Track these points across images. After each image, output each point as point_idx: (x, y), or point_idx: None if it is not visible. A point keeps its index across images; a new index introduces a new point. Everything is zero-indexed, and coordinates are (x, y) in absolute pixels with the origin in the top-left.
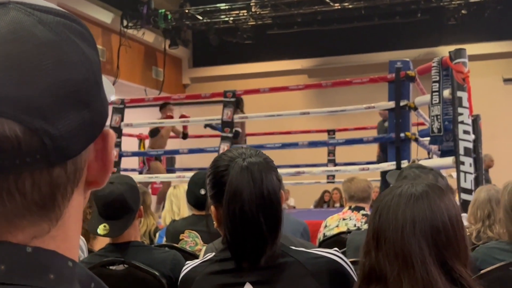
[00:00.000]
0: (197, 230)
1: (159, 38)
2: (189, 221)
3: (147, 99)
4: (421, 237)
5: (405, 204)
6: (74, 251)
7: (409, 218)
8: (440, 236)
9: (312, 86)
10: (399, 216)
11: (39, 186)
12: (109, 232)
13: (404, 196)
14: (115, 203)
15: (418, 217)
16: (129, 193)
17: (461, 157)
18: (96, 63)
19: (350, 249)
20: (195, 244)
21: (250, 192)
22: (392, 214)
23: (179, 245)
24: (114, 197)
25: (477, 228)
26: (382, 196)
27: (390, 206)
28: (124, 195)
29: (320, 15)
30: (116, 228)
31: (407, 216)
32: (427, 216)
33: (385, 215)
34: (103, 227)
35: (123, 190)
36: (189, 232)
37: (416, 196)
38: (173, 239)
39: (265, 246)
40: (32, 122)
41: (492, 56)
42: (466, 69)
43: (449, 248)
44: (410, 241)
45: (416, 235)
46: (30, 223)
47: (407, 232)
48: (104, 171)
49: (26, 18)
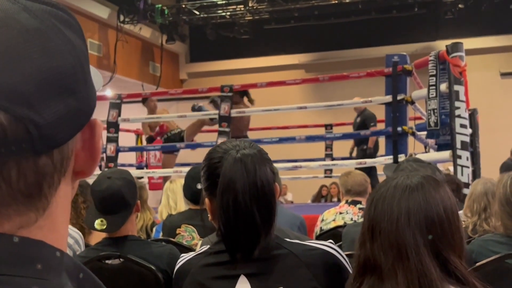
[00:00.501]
0: (194, 224)
1: (156, 33)
2: (186, 215)
3: (144, 94)
4: (415, 228)
5: (400, 195)
6: (61, 241)
7: (404, 209)
8: (435, 227)
9: (309, 81)
10: (394, 207)
11: (24, 175)
12: (106, 227)
13: (399, 188)
14: (113, 198)
15: (413, 208)
16: (127, 188)
17: (458, 151)
18: (82, 52)
19: (345, 242)
20: (191, 239)
21: (243, 183)
22: (388, 205)
23: (176, 239)
24: (112, 192)
25: (473, 221)
26: (378, 187)
27: (386, 197)
28: (121, 190)
29: (317, 9)
30: (113, 223)
31: (402, 207)
32: (422, 208)
33: (380, 206)
34: (100, 221)
35: (120, 185)
36: (185, 227)
37: (411, 188)
38: (169, 233)
39: (259, 237)
40: (17, 110)
41: (489, 50)
42: (463, 63)
43: (444, 240)
44: (405, 232)
45: (411, 226)
46: (16, 212)
47: (401, 223)
48: (91, 161)
49: (11, 5)
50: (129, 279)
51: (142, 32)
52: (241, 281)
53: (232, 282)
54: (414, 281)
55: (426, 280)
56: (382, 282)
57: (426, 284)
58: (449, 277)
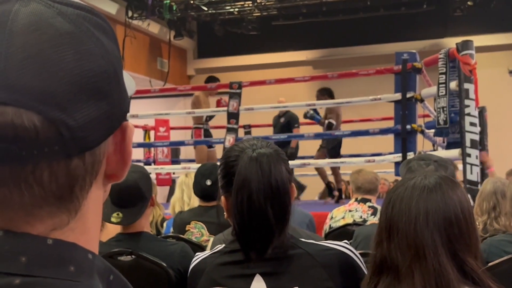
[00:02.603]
0: (203, 221)
1: (164, 29)
2: (195, 212)
3: (153, 90)
4: (434, 229)
5: (418, 196)
6: (93, 244)
7: (422, 210)
8: (453, 228)
9: (318, 78)
10: (413, 207)
11: (56, 177)
12: (122, 220)
13: (417, 188)
14: (129, 190)
15: (431, 209)
16: (143, 180)
17: (467, 149)
18: (116, 56)
19: (357, 242)
20: (201, 235)
21: (258, 182)
22: (405, 206)
23: (185, 235)
24: (128, 184)
25: (484, 220)
26: (395, 187)
27: (403, 198)
28: (138, 183)
29: (326, 6)
30: (129, 216)
31: (420, 207)
32: (440, 208)
33: (398, 206)
34: (116, 215)
35: (137, 178)
36: (195, 223)
37: (429, 188)
38: (179, 229)
39: (272, 236)
40: (50, 113)
41: (498, 47)
42: (473, 61)
43: (461, 241)
44: (423, 233)
45: (429, 227)
46: (48, 214)
47: (420, 224)
48: (123, 164)
49: (46, 9)
50: (141, 276)
51: (150, 28)
52: (256, 280)
53: (248, 281)
54: (431, 282)
55: (443, 281)
56: (398, 282)
57: (443, 284)
58: (465, 278)
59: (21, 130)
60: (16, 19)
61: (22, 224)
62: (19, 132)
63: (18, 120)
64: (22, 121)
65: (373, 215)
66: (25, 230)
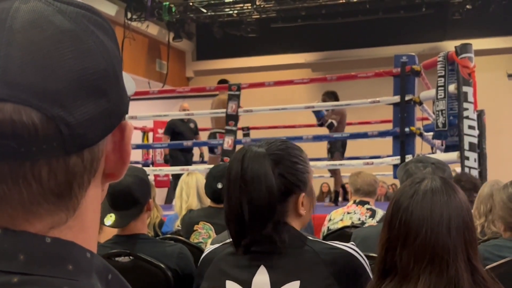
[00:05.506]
0: (212, 222)
1: (163, 31)
2: (205, 212)
3: (151, 92)
4: (456, 233)
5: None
6: (91, 242)
7: (445, 215)
8: (469, 232)
9: (317, 80)
10: (437, 211)
11: (55, 174)
12: (114, 222)
13: (431, 192)
14: (121, 194)
15: (453, 213)
16: (137, 185)
17: (466, 152)
18: (115, 55)
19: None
20: (208, 236)
21: (235, 173)
22: (426, 211)
23: (193, 235)
24: (121, 188)
25: (481, 223)
26: (401, 192)
27: (419, 202)
28: (130, 187)
29: (325, 8)
30: (122, 219)
31: (443, 212)
32: (459, 212)
33: (418, 212)
34: (109, 217)
35: (130, 182)
36: (203, 224)
37: (444, 192)
38: (187, 229)
39: (244, 231)
40: (49, 109)
41: (496, 51)
42: (472, 64)
43: (473, 245)
44: (446, 238)
45: (451, 232)
46: (47, 212)
47: (443, 229)
48: (121, 163)
49: (46, 7)
50: (139, 277)
51: (149, 30)
52: (260, 272)
53: (252, 272)
54: None
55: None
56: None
57: None
58: (476, 285)
59: (20, 126)
60: (16, 16)
61: (21, 222)
62: (18, 128)
63: (17, 117)
64: (21, 117)
65: (371, 217)
66: (23, 228)
